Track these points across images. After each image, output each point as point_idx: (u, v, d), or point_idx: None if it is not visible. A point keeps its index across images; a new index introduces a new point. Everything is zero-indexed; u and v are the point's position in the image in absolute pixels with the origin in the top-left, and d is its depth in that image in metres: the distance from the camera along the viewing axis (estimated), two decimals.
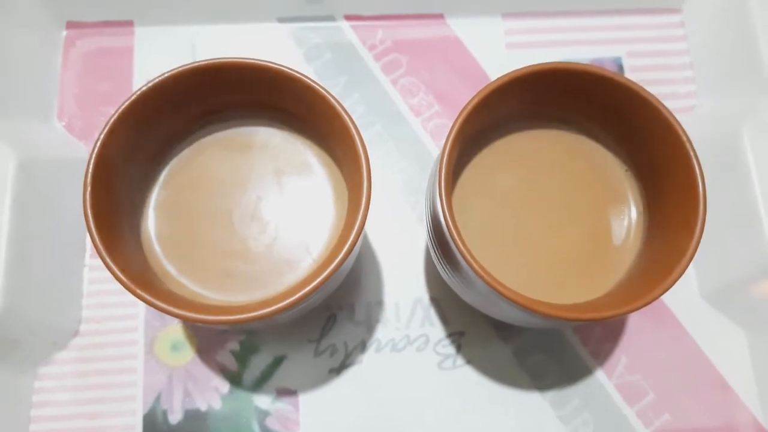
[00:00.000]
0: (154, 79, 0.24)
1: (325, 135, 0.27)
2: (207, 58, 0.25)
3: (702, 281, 0.34)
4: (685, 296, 0.34)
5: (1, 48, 0.33)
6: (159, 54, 0.36)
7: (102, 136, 0.23)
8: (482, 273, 0.23)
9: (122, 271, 0.22)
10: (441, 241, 0.26)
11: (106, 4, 0.36)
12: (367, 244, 0.34)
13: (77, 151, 0.34)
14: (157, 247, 0.26)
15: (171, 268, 0.26)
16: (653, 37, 0.38)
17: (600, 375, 0.33)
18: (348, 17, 0.37)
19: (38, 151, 0.32)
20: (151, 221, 0.27)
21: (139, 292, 0.22)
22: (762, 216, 0.31)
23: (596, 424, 0.32)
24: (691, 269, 0.34)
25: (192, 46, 0.36)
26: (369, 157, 0.24)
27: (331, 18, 0.37)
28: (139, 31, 0.37)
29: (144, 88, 0.24)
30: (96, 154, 0.23)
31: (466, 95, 0.36)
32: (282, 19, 0.37)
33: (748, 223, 0.31)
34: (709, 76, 0.36)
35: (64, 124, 0.35)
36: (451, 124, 0.35)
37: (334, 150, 0.27)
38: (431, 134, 0.36)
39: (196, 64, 0.24)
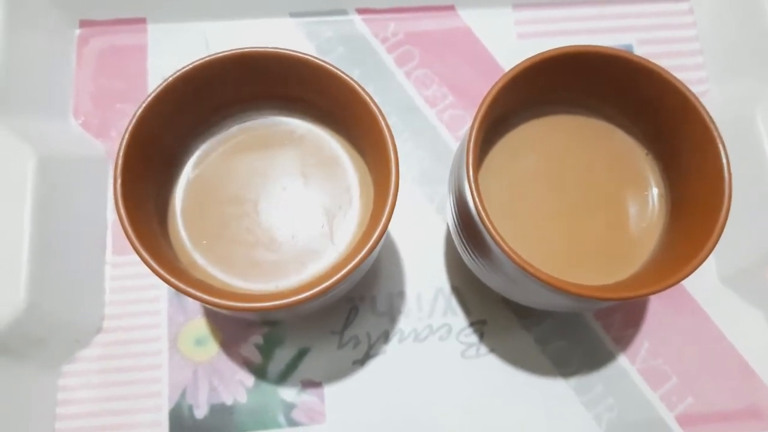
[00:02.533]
0: (180, 69, 0.24)
1: (351, 126, 0.27)
2: (234, 48, 0.25)
3: (721, 265, 0.34)
4: (704, 280, 0.34)
5: (16, 47, 0.32)
6: (172, 50, 0.36)
7: (130, 128, 0.23)
8: (513, 255, 0.23)
9: (155, 260, 0.22)
10: (468, 226, 0.26)
11: (119, 2, 0.36)
12: (387, 236, 0.34)
13: (94, 149, 0.34)
14: (184, 238, 0.26)
15: (198, 258, 0.26)
16: (663, 24, 0.38)
17: (623, 360, 0.33)
18: (360, 11, 0.37)
19: (56, 149, 0.32)
20: (177, 211, 0.27)
21: (173, 281, 0.22)
22: None
23: (620, 409, 0.32)
24: None
25: (205, 42, 0.36)
26: (397, 146, 0.24)
27: (343, 12, 0.37)
28: (152, 28, 0.37)
29: (170, 79, 0.24)
30: (125, 145, 0.23)
31: (479, 85, 0.37)
32: (294, 14, 0.37)
33: (763, 206, 0.32)
34: (720, 61, 0.37)
35: (80, 122, 0.35)
36: (465, 115, 0.35)
37: (359, 141, 0.27)
38: (446, 125, 0.36)
39: (226, 53, 0.24)
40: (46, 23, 0.35)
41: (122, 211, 0.22)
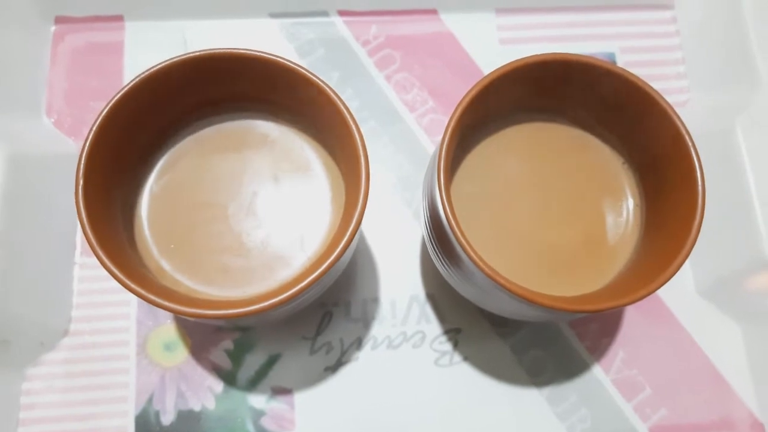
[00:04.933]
0: (148, 70, 0.24)
1: (324, 130, 0.27)
2: (203, 49, 0.24)
3: (697, 276, 0.34)
4: (680, 291, 0.34)
5: None
6: (150, 49, 0.36)
7: (94, 128, 0.23)
8: (482, 265, 0.23)
9: (116, 265, 0.21)
10: (439, 234, 0.25)
11: None
12: (362, 241, 0.33)
13: (66, 148, 0.33)
14: (150, 242, 0.26)
15: (165, 264, 0.26)
16: (646, 32, 0.38)
17: (597, 370, 0.32)
18: (341, 12, 0.37)
19: (27, 148, 0.31)
20: (144, 215, 0.26)
21: (133, 287, 0.21)
22: (756, 210, 0.31)
23: (594, 420, 0.32)
24: (686, 264, 0.34)
25: (183, 41, 0.36)
26: (368, 152, 0.24)
27: (324, 13, 0.37)
28: (130, 26, 0.36)
29: (137, 80, 0.24)
30: (88, 147, 0.22)
31: (460, 91, 0.36)
32: (274, 14, 0.37)
33: (742, 218, 0.31)
34: (702, 71, 0.37)
35: (53, 120, 0.34)
36: (445, 120, 0.34)
37: (332, 146, 0.27)
38: (426, 130, 0.35)
39: (193, 54, 0.24)
40: (21, 18, 0.34)
41: (83, 213, 0.22)
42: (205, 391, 0.31)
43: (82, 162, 0.22)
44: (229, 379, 0.31)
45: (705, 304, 0.34)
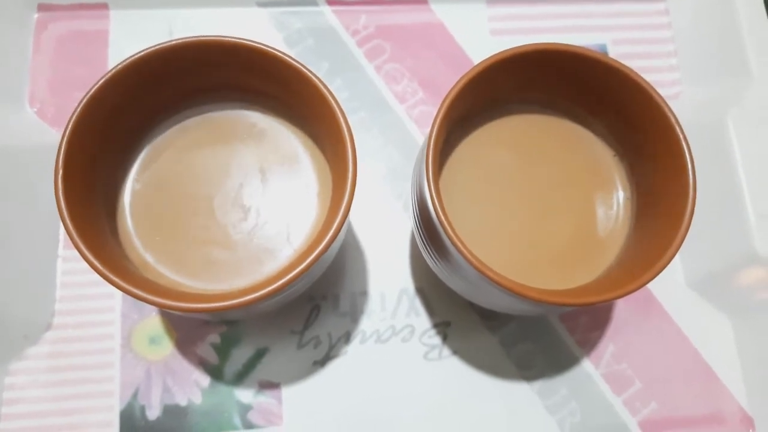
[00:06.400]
0: (131, 56, 0.23)
1: (312, 121, 0.26)
2: (188, 36, 0.24)
3: (687, 270, 0.34)
4: (670, 285, 0.34)
5: None
6: (135, 38, 0.35)
7: (74, 116, 0.22)
8: (471, 258, 0.22)
9: (97, 258, 0.21)
10: (429, 227, 0.25)
11: None
12: (351, 233, 0.33)
13: (50, 138, 0.33)
14: (134, 234, 0.25)
15: (149, 257, 0.25)
16: (638, 24, 0.38)
17: (587, 364, 0.32)
18: (330, 2, 0.37)
19: (8, 138, 0.30)
20: (128, 206, 0.26)
21: (115, 279, 0.21)
22: (746, 203, 0.31)
23: (583, 414, 0.32)
24: (676, 258, 0.34)
25: (169, 30, 0.35)
26: (355, 143, 0.23)
27: (313, 2, 0.36)
28: (115, 15, 0.35)
29: (119, 67, 0.23)
30: (68, 135, 0.22)
31: (450, 82, 0.36)
32: (262, 3, 0.36)
33: (733, 211, 0.31)
34: (694, 63, 0.36)
35: (35, 110, 0.34)
36: (435, 111, 0.34)
37: (320, 137, 0.27)
38: (416, 121, 0.35)
39: (178, 41, 0.23)
40: (3, 5, 0.34)
41: (63, 204, 0.21)
42: (191, 386, 0.30)
43: (62, 151, 0.22)
44: (215, 373, 0.31)
45: (695, 297, 0.34)
